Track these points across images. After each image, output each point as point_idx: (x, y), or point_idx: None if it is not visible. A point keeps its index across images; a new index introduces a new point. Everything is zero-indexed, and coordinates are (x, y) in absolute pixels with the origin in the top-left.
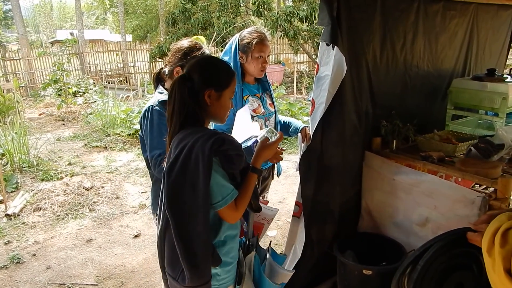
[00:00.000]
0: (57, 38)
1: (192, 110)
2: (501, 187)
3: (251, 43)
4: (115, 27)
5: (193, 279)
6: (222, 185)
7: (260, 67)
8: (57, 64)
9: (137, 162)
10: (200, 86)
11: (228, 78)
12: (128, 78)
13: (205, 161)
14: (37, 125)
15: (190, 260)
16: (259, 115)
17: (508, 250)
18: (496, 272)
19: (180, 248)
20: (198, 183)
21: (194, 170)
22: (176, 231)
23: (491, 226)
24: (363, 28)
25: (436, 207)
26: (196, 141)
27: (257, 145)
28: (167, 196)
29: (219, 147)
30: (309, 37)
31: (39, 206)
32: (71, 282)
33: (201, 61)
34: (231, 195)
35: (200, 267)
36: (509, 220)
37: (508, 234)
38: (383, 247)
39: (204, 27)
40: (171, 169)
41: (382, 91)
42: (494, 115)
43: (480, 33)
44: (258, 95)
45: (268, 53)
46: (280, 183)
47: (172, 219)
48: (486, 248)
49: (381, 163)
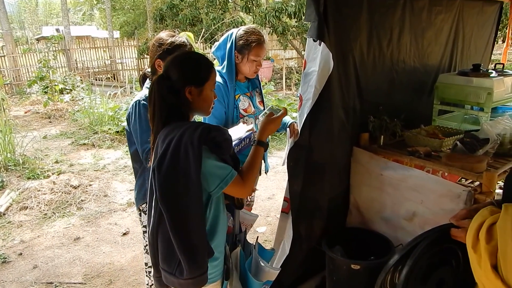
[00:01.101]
0: (43, 35)
1: (174, 108)
2: (486, 181)
3: (249, 46)
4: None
5: (191, 271)
6: (219, 167)
7: (254, 69)
8: (42, 61)
9: (125, 160)
10: (179, 84)
11: (207, 72)
12: (116, 75)
13: (195, 150)
14: (23, 123)
15: (188, 252)
16: (249, 114)
17: (493, 246)
18: (482, 268)
19: (177, 241)
20: (190, 173)
21: (185, 161)
22: (172, 224)
23: (474, 221)
24: (350, 24)
25: (423, 201)
26: (183, 133)
27: (262, 119)
28: (160, 190)
29: (207, 135)
30: (298, 33)
31: (25, 204)
32: (58, 281)
33: (178, 59)
34: (230, 175)
35: (197, 258)
36: (491, 215)
37: (492, 229)
38: (371, 242)
39: (192, 23)
40: (160, 163)
41: (369, 87)
42: (480, 110)
43: (465, 29)
44: (248, 94)
45: (263, 55)
46: (270, 179)
47: (167, 212)
48: (470, 244)
49: (369, 158)
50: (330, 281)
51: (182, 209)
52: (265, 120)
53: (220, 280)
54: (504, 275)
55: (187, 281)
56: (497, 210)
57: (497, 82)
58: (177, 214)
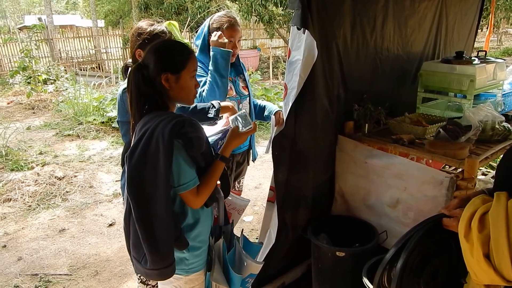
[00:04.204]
0: (25, 24)
1: (151, 96)
2: (467, 168)
3: (221, 28)
4: (86, 12)
5: (154, 262)
6: (184, 170)
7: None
8: (25, 50)
9: (111, 151)
10: (155, 71)
11: (183, 58)
12: (101, 64)
13: (165, 144)
14: (6, 114)
15: (151, 243)
16: (231, 97)
17: (486, 235)
18: (474, 257)
19: (140, 231)
20: (159, 166)
21: (155, 153)
22: (137, 214)
23: (466, 211)
24: (333, 11)
25: (406, 188)
26: (157, 124)
27: (227, 134)
28: (128, 178)
29: (180, 130)
30: (285, 22)
31: (9, 196)
32: (43, 272)
33: (154, 47)
34: (193, 182)
35: (161, 250)
36: (483, 203)
37: (484, 218)
38: (356, 229)
39: (178, 12)
40: (132, 152)
41: (353, 75)
42: (463, 97)
43: (448, 16)
44: (230, 78)
45: (238, 38)
46: (257, 169)
47: (133, 201)
48: (463, 233)
49: (353, 146)
50: (316, 269)
51: (146, 199)
52: (229, 134)
53: (203, 269)
54: (497, 264)
55: (152, 271)
56: (489, 199)
57: (479, 69)
58: (141, 203)
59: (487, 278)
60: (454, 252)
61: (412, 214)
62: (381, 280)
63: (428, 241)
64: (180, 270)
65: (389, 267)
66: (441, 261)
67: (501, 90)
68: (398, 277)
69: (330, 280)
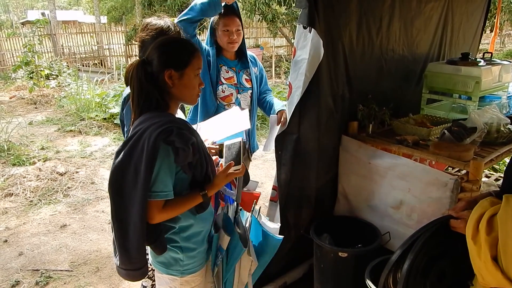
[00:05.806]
0: (28, 19)
1: (152, 94)
2: (472, 170)
3: (219, 17)
4: (89, 8)
5: (123, 262)
6: (161, 178)
7: (227, 39)
8: (28, 45)
9: (113, 147)
10: (158, 67)
11: (188, 55)
12: (103, 61)
13: (149, 149)
14: (8, 109)
15: (122, 242)
16: (230, 84)
17: (494, 238)
18: (482, 259)
19: (114, 228)
20: (140, 170)
21: (139, 156)
22: (113, 212)
23: (474, 212)
24: (340, 11)
25: (410, 190)
26: (148, 127)
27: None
28: (110, 174)
29: (166, 138)
30: (288, 21)
31: (10, 191)
32: (44, 268)
33: (159, 43)
34: (164, 194)
35: (130, 252)
36: (492, 206)
37: (493, 221)
38: (359, 229)
39: (181, 9)
40: (119, 151)
41: (358, 75)
42: (468, 99)
43: (454, 18)
44: (234, 69)
45: (235, 26)
46: (258, 168)
47: (112, 199)
48: (470, 235)
49: (357, 147)
50: (318, 269)
51: (124, 199)
52: (219, 175)
53: (201, 271)
54: (504, 267)
55: (120, 270)
56: (497, 201)
57: (485, 71)
58: (118, 203)
59: (494, 281)
60: (460, 254)
61: (416, 215)
62: (386, 282)
63: (434, 242)
64: (174, 271)
65: (395, 268)
66: (448, 263)
67: (506, 92)
68: (404, 278)
69: (332, 280)
